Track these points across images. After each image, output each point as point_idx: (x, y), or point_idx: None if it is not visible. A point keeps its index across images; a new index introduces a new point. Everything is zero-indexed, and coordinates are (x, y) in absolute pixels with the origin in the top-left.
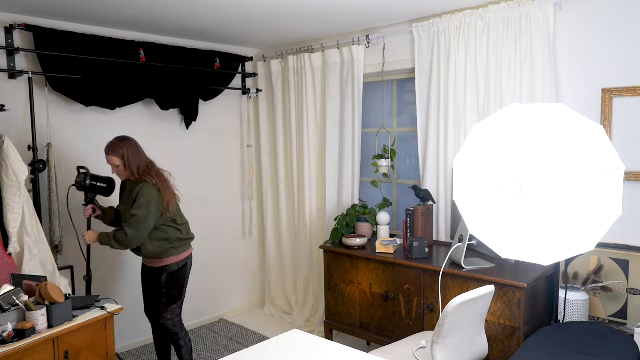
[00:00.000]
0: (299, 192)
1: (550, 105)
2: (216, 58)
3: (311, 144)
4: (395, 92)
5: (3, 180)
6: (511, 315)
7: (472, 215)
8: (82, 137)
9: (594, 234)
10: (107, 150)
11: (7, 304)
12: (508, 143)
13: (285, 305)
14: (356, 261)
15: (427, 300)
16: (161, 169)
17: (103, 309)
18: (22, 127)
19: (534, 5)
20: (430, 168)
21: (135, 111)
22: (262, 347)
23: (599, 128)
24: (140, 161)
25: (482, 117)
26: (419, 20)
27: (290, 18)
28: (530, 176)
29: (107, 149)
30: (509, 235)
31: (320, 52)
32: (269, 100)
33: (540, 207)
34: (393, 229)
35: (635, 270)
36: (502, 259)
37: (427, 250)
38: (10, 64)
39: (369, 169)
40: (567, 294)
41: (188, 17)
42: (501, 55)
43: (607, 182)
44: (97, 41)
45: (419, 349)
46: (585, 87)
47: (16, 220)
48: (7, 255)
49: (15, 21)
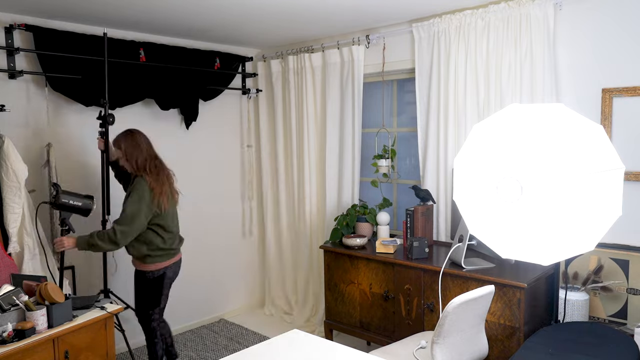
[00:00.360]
0: (299, 192)
1: (550, 105)
2: (216, 58)
3: (311, 144)
4: (395, 92)
5: (3, 180)
6: (511, 315)
7: (472, 215)
8: (82, 137)
9: (594, 234)
10: (112, 141)
11: (7, 304)
12: (508, 143)
13: (285, 305)
14: (356, 261)
15: (427, 300)
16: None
17: (103, 309)
18: (22, 127)
19: (534, 5)
20: (430, 168)
21: (135, 111)
22: (262, 347)
23: (599, 128)
24: (139, 155)
25: (482, 117)
26: (419, 20)
27: (290, 18)
28: (530, 176)
29: (112, 140)
30: (509, 235)
31: (320, 52)
32: (269, 100)
33: (540, 207)
34: (393, 229)
35: (635, 270)
36: (502, 259)
37: (427, 250)
38: (10, 64)
39: (369, 169)
40: (567, 294)
41: (188, 17)
42: (501, 55)
43: (607, 182)
44: (97, 41)
45: (419, 349)
46: (585, 87)
47: (16, 220)
48: (7, 255)
49: (15, 21)
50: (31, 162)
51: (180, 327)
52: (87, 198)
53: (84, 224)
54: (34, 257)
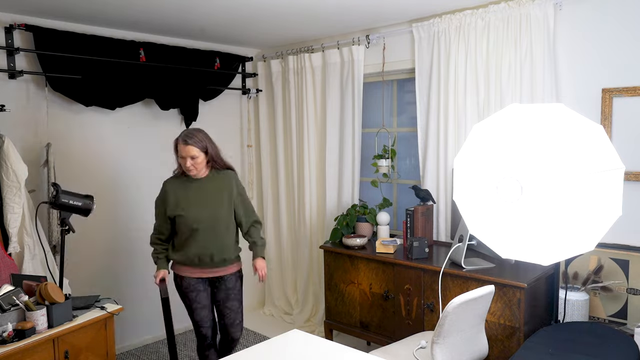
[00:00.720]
0: (299, 192)
1: (550, 105)
2: (216, 58)
3: (311, 144)
4: (395, 92)
5: (3, 180)
6: (511, 315)
7: (472, 215)
8: (82, 137)
9: (594, 234)
10: (187, 140)
11: (7, 304)
12: (508, 143)
13: (285, 305)
14: (356, 261)
15: (427, 300)
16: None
17: (103, 309)
18: (22, 127)
19: (534, 5)
20: (430, 168)
21: (135, 111)
22: (262, 347)
23: (599, 128)
24: (217, 150)
25: (482, 117)
26: (419, 20)
27: (290, 18)
28: (530, 176)
29: (187, 138)
30: (509, 235)
31: (320, 52)
32: (269, 100)
33: (540, 207)
34: (393, 229)
35: (635, 270)
36: (502, 259)
37: (427, 250)
38: (10, 64)
39: (369, 169)
40: (567, 294)
41: (188, 17)
42: (501, 55)
43: (607, 182)
44: (97, 41)
45: (419, 349)
46: (585, 87)
47: (16, 220)
48: (7, 255)
49: (15, 21)
50: (31, 162)
51: (180, 327)
52: (87, 198)
53: (83, 224)
54: (34, 257)
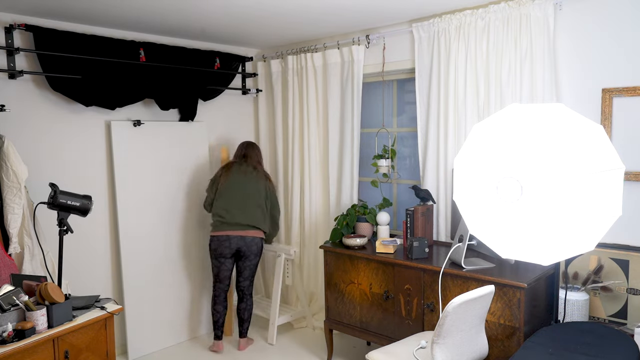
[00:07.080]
0: (299, 192)
1: (550, 105)
2: (216, 58)
3: (311, 144)
4: (395, 92)
5: (3, 181)
6: (511, 315)
7: (472, 215)
8: (82, 137)
9: (594, 234)
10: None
11: (7, 304)
12: (508, 143)
13: (285, 304)
14: (356, 261)
15: (427, 300)
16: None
17: (103, 309)
18: (22, 127)
19: (534, 5)
20: (430, 168)
21: (135, 111)
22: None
23: (599, 128)
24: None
25: (482, 117)
26: (419, 20)
27: (290, 18)
28: (530, 176)
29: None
30: (509, 235)
31: (320, 52)
32: (269, 100)
33: (540, 207)
34: (393, 229)
35: (635, 270)
36: (502, 259)
37: (427, 250)
38: (10, 64)
39: (369, 169)
40: (567, 294)
41: (188, 17)
42: (501, 55)
43: (607, 182)
44: (97, 41)
45: (419, 349)
46: (585, 87)
47: (16, 220)
48: (7, 256)
49: (15, 21)
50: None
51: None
52: (85, 198)
53: (82, 224)
54: (34, 257)
